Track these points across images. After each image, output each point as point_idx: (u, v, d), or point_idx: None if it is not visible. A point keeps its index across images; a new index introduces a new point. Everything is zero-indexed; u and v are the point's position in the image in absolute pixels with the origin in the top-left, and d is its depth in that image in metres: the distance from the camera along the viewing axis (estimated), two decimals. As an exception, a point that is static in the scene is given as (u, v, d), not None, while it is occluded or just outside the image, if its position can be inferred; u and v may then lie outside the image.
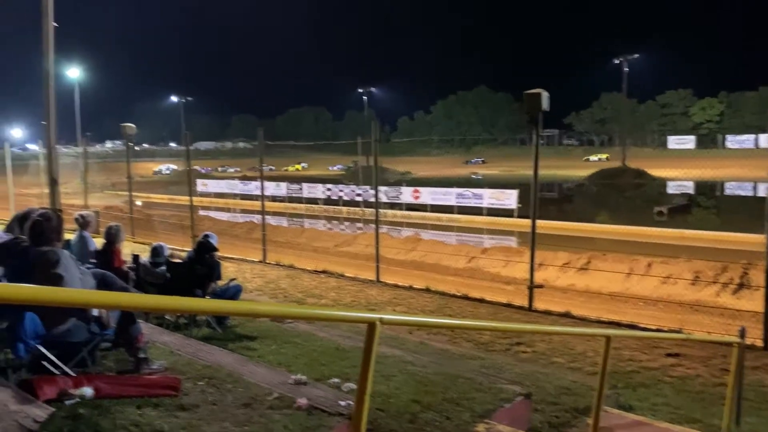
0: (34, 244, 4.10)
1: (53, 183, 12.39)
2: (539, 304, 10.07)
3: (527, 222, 10.60)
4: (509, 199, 30.32)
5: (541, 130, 10.06)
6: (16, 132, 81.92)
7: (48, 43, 11.52)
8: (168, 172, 66.88)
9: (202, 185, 46.25)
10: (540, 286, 10.48)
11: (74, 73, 57.97)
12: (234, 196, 44.60)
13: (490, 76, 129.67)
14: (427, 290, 11.29)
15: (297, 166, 75.05)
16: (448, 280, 13.41)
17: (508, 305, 10.26)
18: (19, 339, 3.71)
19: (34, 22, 11.44)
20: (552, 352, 7.38)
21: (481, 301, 10.59)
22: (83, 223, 7.60)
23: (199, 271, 6.74)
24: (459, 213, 31.74)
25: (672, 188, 39.42)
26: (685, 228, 24.81)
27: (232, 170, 75.76)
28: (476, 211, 31.19)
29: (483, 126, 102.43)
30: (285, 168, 75.69)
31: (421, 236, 23.40)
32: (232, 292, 7.07)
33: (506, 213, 29.64)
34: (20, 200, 25.48)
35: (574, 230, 24.45)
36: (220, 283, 7.11)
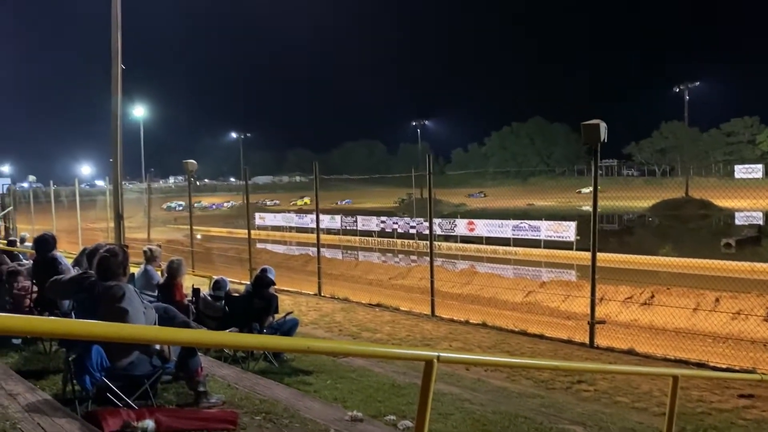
0: (101, 279, 4.25)
1: (119, 218, 12.94)
2: (601, 341, 9.73)
3: (586, 255, 10.33)
4: (567, 231, 29.71)
5: (599, 161, 9.86)
6: (85, 169, 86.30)
7: (116, 85, 12.18)
8: (180, 208, 67.20)
9: (259, 218, 47.27)
10: (602, 322, 10.14)
11: (139, 111, 60.72)
12: (290, 229, 45.36)
13: (545, 106, 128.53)
14: (484, 325, 11.09)
15: (306, 200, 75.04)
16: (505, 315, 13.14)
17: (569, 341, 9.95)
18: (86, 371, 3.83)
19: (104, 64, 12.10)
20: (615, 391, 7.10)
21: (541, 337, 10.32)
22: (150, 257, 7.88)
23: (256, 304, 6.84)
24: (515, 245, 31.28)
25: (740, 219, 37.79)
26: (756, 261, 23.66)
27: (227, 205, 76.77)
28: (533, 243, 30.66)
29: (539, 157, 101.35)
30: (293, 202, 75.97)
31: (477, 269, 23.12)
32: (289, 326, 7.13)
33: (564, 245, 29.01)
34: (87, 234, 26.64)
35: (635, 263, 23.66)
36: (277, 316, 7.19)
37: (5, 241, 11.99)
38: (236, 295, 7.52)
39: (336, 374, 6.38)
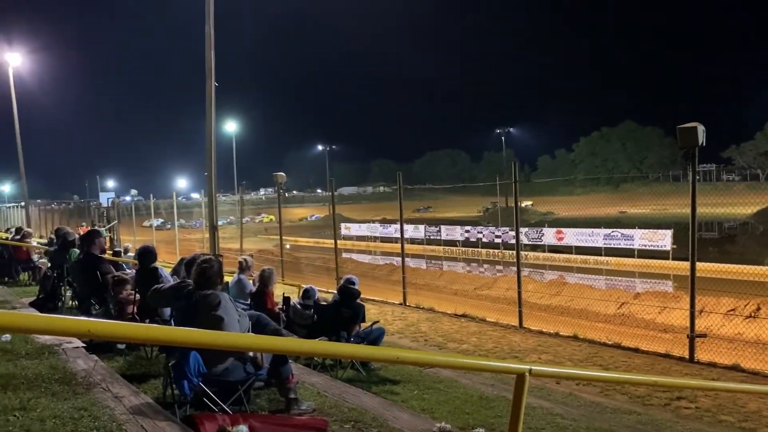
0: (198, 288, 4.44)
1: (213, 228, 13.50)
2: (702, 355, 9.16)
3: (684, 264, 9.78)
4: (663, 239, 28.31)
5: (697, 166, 9.33)
6: (182, 182, 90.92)
7: (210, 102, 12.75)
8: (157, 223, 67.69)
9: (345, 229, 48.03)
10: (702, 335, 9.54)
11: (231, 127, 63.31)
12: (374, 238, 45.77)
13: (636, 110, 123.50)
14: (575, 337, 10.71)
15: (270, 217, 73.46)
16: (597, 327, 12.63)
17: (667, 355, 9.43)
18: (184, 376, 4.00)
19: (199, 83, 12.72)
20: (719, 409, 6.65)
21: (636, 350, 9.84)
22: (244, 267, 8.18)
23: (344, 313, 6.93)
24: (607, 255, 30.11)
25: None
26: None
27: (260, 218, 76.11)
28: (626, 252, 29.40)
29: (631, 163, 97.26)
30: (258, 219, 74.39)
31: (566, 279, 22.42)
32: (376, 335, 7.17)
33: (660, 255, 27.62)
34: (184, 244, 28.00)
35: (738, 273, 22.17)
36: (364, 325, 7.25)
37: (111, 252, 12.79)
38: (324, 303, 7.65)
39: (423, 384, 6.35)
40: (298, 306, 7.66)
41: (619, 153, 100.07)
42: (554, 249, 33.04)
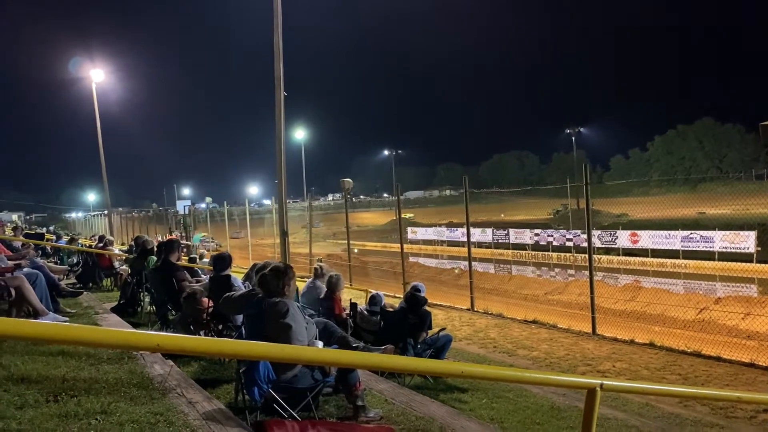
0: (267, 295, 4.51)
1: (284, 234, 13.78)
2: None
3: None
4: (746, 241, 26.82)
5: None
6: (253, 189, 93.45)
7: (279, 110, 13.04)
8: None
9: (411, 233, 48.03)
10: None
11: (300, 134, 64.63)
12: (441, 242, 45.54)
13: (714, 107, 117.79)
14: (652, 345, 10.26)
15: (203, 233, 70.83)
16: (675, 334, 12.07)
17: (752, 365, 8.90)
18: (254, 383, 4.07)
19: (269, 93, 13.03)
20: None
21: (717, 359, 9.34)
22: (319, 274, 8.29)
23: (411, 320, 6.89)
24: (685, 258, 28.78)
25: None
26: None
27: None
28: (706, 255, 28.02)
29: (710, 161, 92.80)
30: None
31: (642, 284, 21.58)
32: (443, 343, 7.10)
33: (742, 257, 26.17)
34: (257, 250, 28.74)
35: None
36: (431, 332, 7.19)
37: (187, 258, 13.26)
38: (391, 310, 7.65)
39: (492, 393, 6.23)
40: (365, 312, 7.69)
41: (697, 151, 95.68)
42: (629, 252, 31.88)
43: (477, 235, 39.00)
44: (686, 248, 29.06)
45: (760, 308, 15.10)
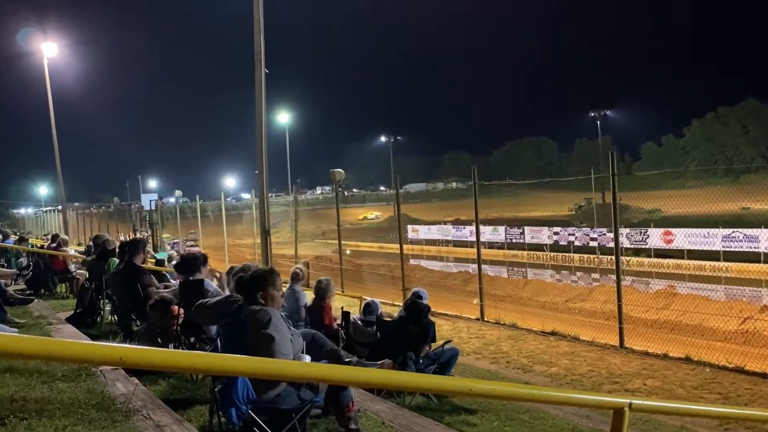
0: (247, 303, 4.52)
1: (265, 233, 13.79)
2: None
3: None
4: (796, 241, 26.93)
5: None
6: (230, 182, 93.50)
7: (260, 90, 13.04)
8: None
9: (412, 231, 48.10)
10: None
11: (284, 118, 64.57)
12: (446, 243, 45.62)
13: (760, 85, 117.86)
14: (688, 360, 10.31)
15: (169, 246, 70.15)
16: (715, 347, 12.14)
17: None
18: (231, 403, 4.08)
19: (249, 73, 13.02)
20: None
21: (763, 375, 9.39)
22: (300, 278, 8.31)
23: (412, 331, 6.91)
24: (726, 260, 28.88)
25: None
26: None
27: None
28: (750, 257, 28.14)
29: (755, 149, 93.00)
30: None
31: (677, 290, 21.67)
32: (448, 357, 7.12)
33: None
34: (234, 251, 28.75)
35: None
36: (435, 345, 7.21)
37: (153, 260, 13.26)
38: (389, 320, 7.66)
39: (504, 414, 6.26)
40: (359, 322, 7.71)
41: (740, 137, 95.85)
42: (661, 253, 31.97)
43: (488, 234, 39.08)
44: (727, 249, 29.17)
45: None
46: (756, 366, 9.84)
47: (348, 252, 35.72)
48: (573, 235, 37.57)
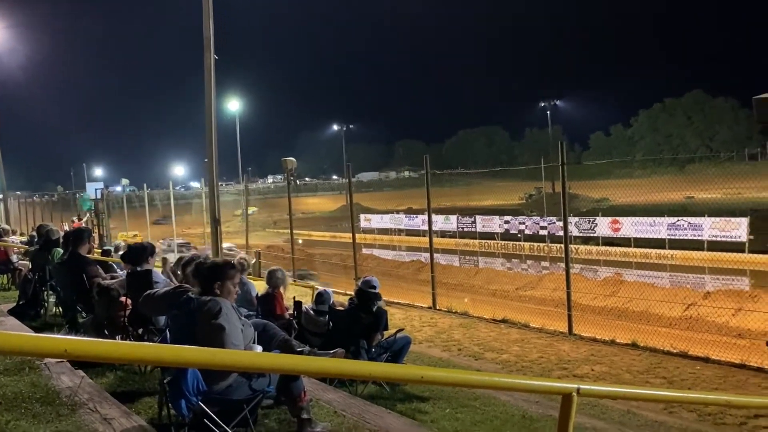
0: (200, 293, 4.47)
1: (215, 222, 13.62)
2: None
3: (763, 258, 9.61)
4: (738, 229, 27.82)
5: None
6: (179, 170, 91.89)
7: (209, 76, 12.84)
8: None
9: (365, 221, 48.14)
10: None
11: (235, 106, 63.74)
12: (399, 232, 45.80)
13: (705, 78, 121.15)
14: (634, 345, 10.60)
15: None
16: (660, 333, 12.51)
17: (743, 366, 9.30)
18: (181, 395, 4.03)
19: (197, 59, 12.80)
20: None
21: (706, 360, 9.72)
22: (244, 268, 8.21)
23: (363, 320, 6.93)
24: (671, 248, 29.70)
25: None
26: None
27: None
28: (694, 245, 28.98)
29: (700, 140, 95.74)
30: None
31: (624, 277, 22.21)
32: (400, 345, 7.17)
33: (734, 247, 27.16)
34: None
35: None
36: (387, 333, 7.24)
37: (99, 251, 12.98)
38: (341, 309, 7.66)
39: (456, 402, 6.34)
40: (311, 312, 7.68)
41: (685, 128, 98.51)
42: (609, 242, 32.70)
43: (440, 223, 39.40)
44: (672, 237, 29.98)
45: (752, 303, 15.75)
46: (699, 351, 10.17)
47: (300, 241, 35.58)
48: (523, 223, 38.12)
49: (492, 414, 5.90)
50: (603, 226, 33.37)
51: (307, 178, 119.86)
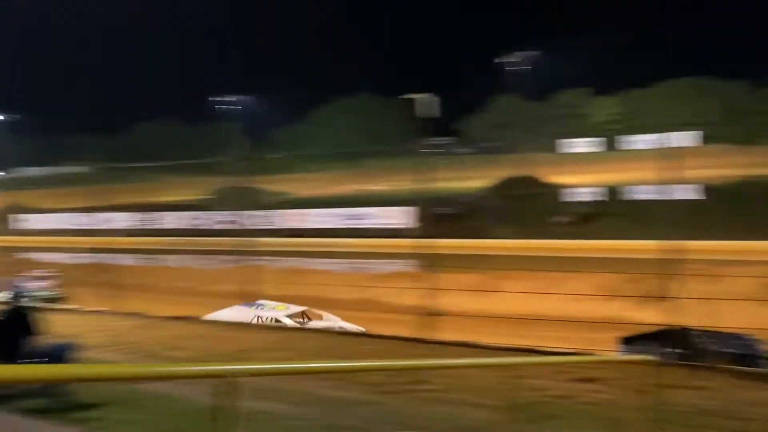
0: None
1: None
2: (440, 334, 10.23)
3: (425, 243, 10.81)
4: (402, 217, 30.74)
5: (432, 138, 10.34)
6: None
7: None
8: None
9: (31, 221, 43.57)
10: (437, 314, 10.66)
11: None
12: (69, 232, 42.18)
13: (373, 80, 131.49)
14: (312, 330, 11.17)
15: None
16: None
17: (404, 338, 10.33)
18: None
19: None
20: (452, 387, 7.41)
21: (380, 337, 10.60)
22: None
23: (18, 324, 6.36)
24: (349, 236, 31.78)
25: (576, 195, 41.42)
26: (594, 238, 26.34)
27: None
28: (367, 233, 31.35)
29: (368, 136, 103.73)
30: None
31: (307, 266, 23.23)
32: (61, 351, 6.67)
33: (401, 233, 29.98)
34: None
35: (475, 248, 25.22)
36: (46, 340, 6.71)
37: None
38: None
39: (132, 404, 6.06)
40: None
41: (357, 126, 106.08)
42: (295, 233, 33.88)
43: (118, 221, 37.21)
44: (348, 226, 32.07)
45: (417, 282, 17.53)
46: (372, 327, 11.07)
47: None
48: (210, 219, 37.71)
49: (160, 408, 5.78)
50: (287, 219, 34.48)
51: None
